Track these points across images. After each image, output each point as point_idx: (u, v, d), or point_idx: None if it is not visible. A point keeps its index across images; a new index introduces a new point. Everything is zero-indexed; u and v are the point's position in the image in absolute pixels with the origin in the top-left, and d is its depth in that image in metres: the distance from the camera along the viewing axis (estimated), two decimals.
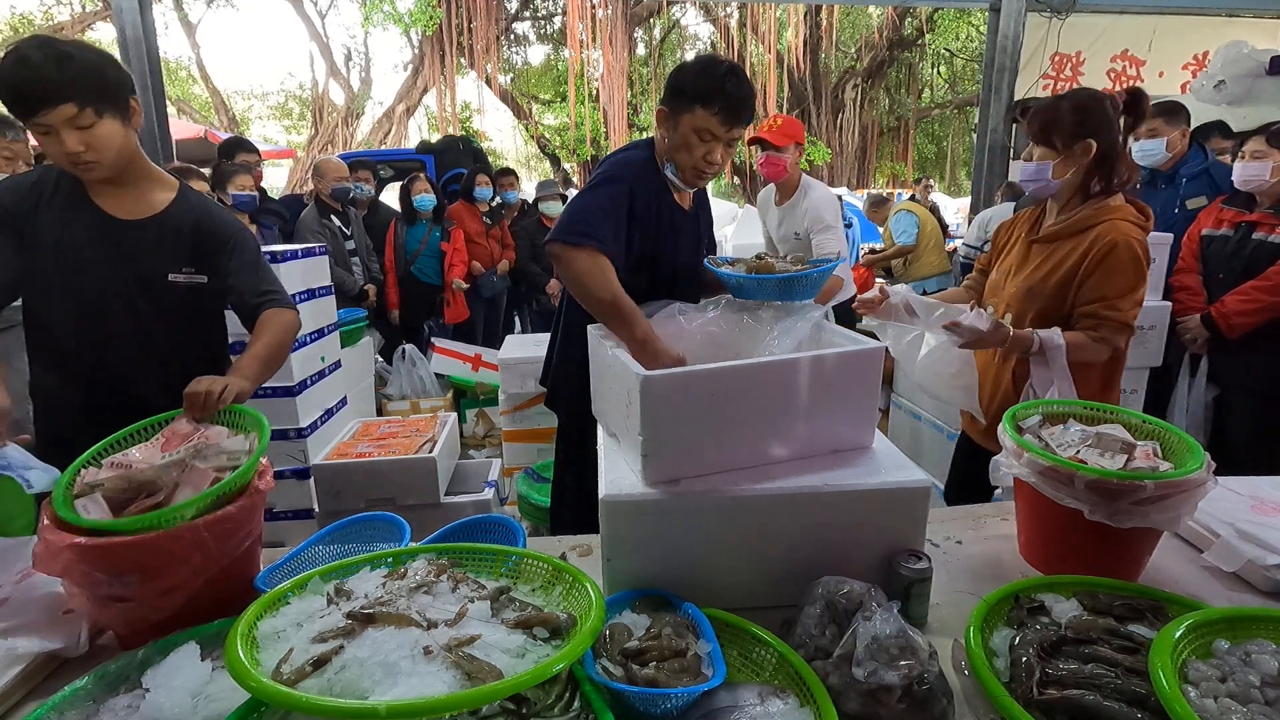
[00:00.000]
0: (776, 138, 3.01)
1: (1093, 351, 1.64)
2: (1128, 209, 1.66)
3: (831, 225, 2.93)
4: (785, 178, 3.07)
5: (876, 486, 1.12)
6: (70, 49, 1.33)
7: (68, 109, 1.31)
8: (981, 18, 12.74)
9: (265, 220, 3.83)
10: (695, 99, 1.57)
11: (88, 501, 1.02)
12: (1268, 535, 1.22)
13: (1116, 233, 1.60)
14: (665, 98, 1.64)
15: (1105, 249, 1.60)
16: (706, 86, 1.57)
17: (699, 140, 1.61)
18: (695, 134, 1.60)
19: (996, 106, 4.74)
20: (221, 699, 0.83)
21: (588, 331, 1.48)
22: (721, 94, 1.56)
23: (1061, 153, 1.65)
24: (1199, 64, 5.54)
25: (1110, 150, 1.64)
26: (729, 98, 1.56)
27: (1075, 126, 1.63)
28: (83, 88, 1.33)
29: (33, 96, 1.30)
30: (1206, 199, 2.87)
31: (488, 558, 1.01)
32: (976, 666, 0.90)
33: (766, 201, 3.31)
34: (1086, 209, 1.67)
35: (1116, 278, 1.60)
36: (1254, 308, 2.48)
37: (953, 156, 19.02)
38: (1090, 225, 1.64)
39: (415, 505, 2.38)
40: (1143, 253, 1.61)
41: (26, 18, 13.68)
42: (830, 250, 2.86)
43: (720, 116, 1.57)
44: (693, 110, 1.58)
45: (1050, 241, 1.72)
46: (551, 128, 16.44)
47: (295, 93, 19.10)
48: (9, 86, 1.31)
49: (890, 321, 1.75)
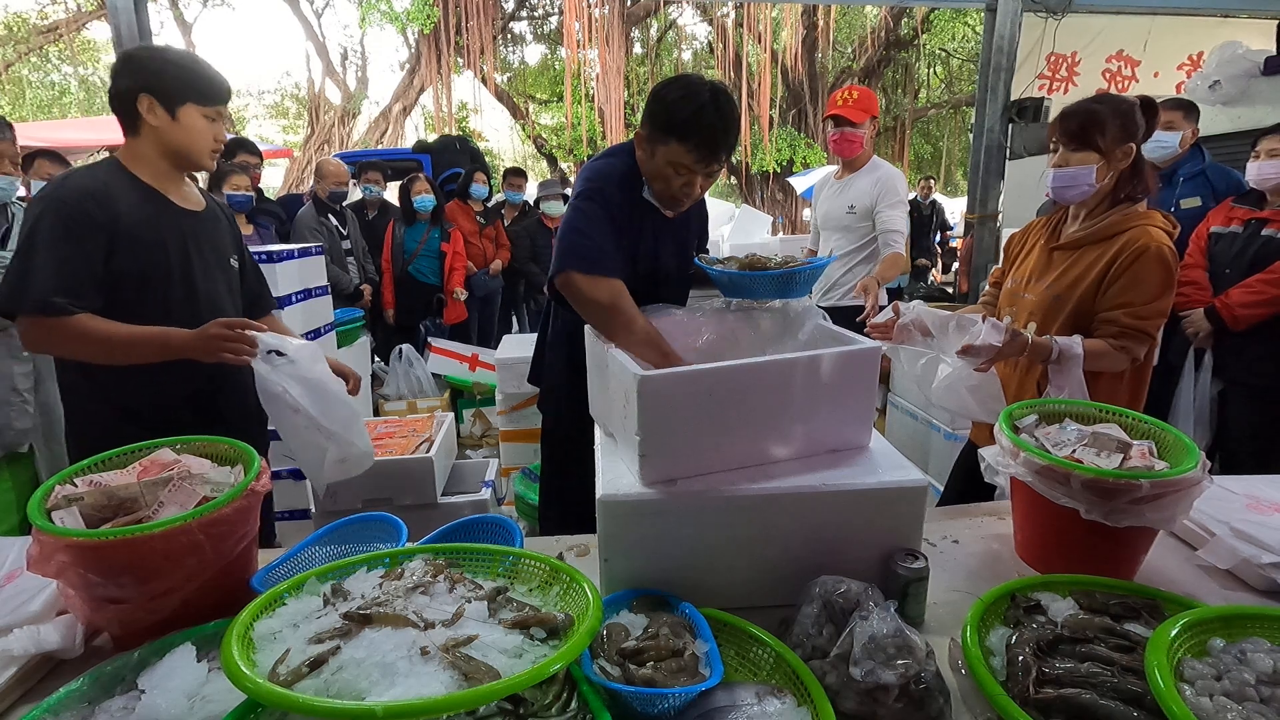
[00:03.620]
0: (853, 113, 2.85)
1: (1112, 360, 1.60)
2: (1156, 215, 1.63)
3: (902, 201, 2.85)
4: (859, 154, 2.94)
5: (874, 486, 1.12)
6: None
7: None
8: (977, 18, 12.77)
9: (262, 220, 3.82)
10: (671, 133, 1.50)
11: (64, 514, 1.00)
12: (1263, 534, 1.23)
13: (1149, 238, 1.57)
14: (644, 121, 1.58)
15: (1135, 254, 1.57)
16: (684, 121, 1.48)
17: (674, 173, 1.55)
18: (671, 167, 1.54)
19: (993, 106, 4.74)
20: (218, 700, 0.82)
21: (585, 333, 1.48)
22: (698, 129, 1.48)
23: (1105, 156, 1.61)
24: (1194, 64, 5.55)
25: (1142, 155, 1.63)
26: (705, 133, 1.49)
27: (1120, 130, 1.60)
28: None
29: (227, 89, 1.59)
30: (1201, 200, 2.88)
31: (485, 558, 1.01)
32: (973, 665, 0.90)
33: (823, 183, 3.17)
34: (1115, 214, 1.64)
35: (1144, 285, 1.57)
36: (1259, 300, 2.48)
37: (949, 156, 19.04)
38: (1120, 231, 1.61)
39: (412, 505, 2.38)
40: (1172, 260, 1.58)
41: (22, 16, 13.61)
42: (896, 226, 2.81)
43: (696, 154, 1.50)
44: (668, 144, 1.51)
45: (1075, 248, 1.69)
46: (548, 127, 16.42)
47: (291, 92, 19.06)
48: (220, 82, 1.57)
49: (904, 345, 1.69)
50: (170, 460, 1.14)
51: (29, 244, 1.41)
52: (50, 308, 1.39)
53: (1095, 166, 1.61)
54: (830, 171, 3.16)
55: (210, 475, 1.12)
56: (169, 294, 1.55)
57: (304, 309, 2.85)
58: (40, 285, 1.39)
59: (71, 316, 1.41)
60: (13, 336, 2.28)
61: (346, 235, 4.33)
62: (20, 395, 2.32)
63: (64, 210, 1.42)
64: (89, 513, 1.02)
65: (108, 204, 1.45)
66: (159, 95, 1.49)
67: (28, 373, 2.34)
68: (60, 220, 1.41)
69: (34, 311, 1.40)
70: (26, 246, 1.41)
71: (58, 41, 13.54)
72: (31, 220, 1.42)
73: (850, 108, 2.87)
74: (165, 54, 1.54)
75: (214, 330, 1.45)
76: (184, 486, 1.06)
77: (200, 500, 1.04)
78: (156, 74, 1.49)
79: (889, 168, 2.95)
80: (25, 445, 2.36)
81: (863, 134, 2.89)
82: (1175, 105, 2.92)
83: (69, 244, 1.41)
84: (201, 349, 1.46)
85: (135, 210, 1.49)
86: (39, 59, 14.46)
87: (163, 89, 1.49)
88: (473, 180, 4.97)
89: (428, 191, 4.61)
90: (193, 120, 1.53)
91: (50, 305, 1.39)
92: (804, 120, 14.87)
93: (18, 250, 1.43)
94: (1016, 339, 1.55)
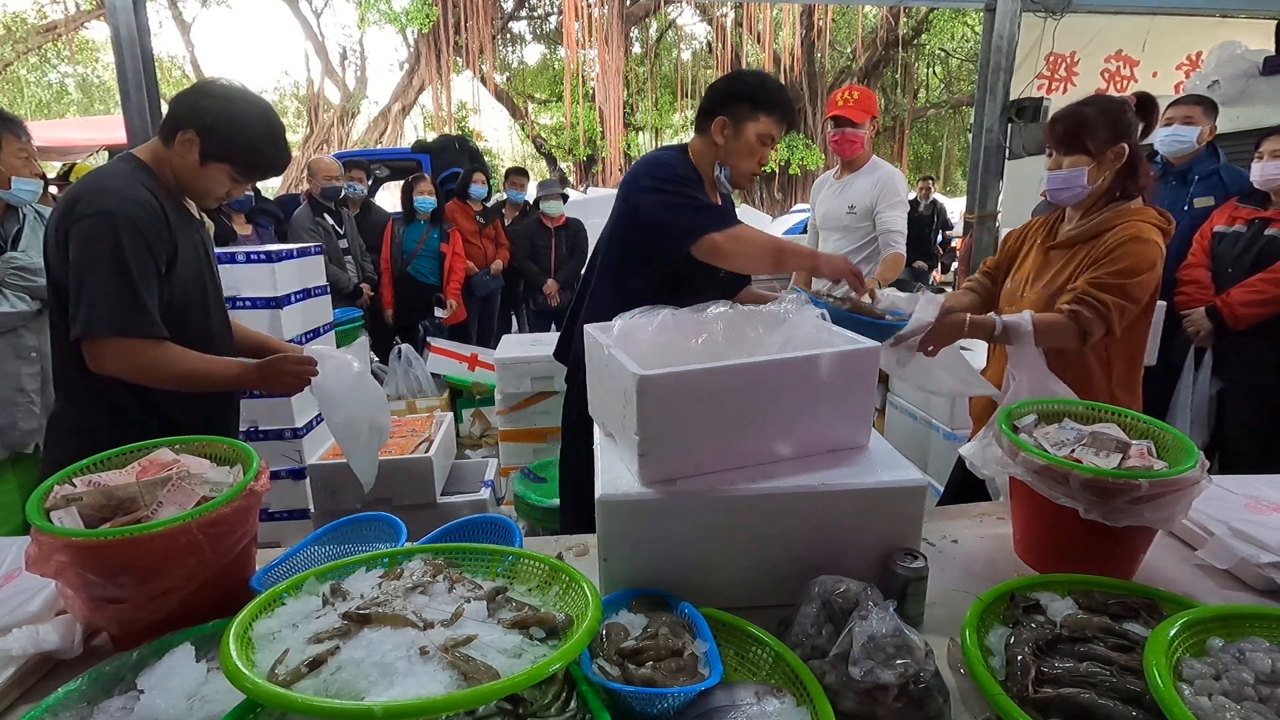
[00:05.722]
0: (854, 113, 2.85)
1: (1063, 332, 1.59)
2: (1149, 211, 1.65)
3: (902, 201, 2.87)
4: (859, 154, 2.94)
5: (873, 486, 1.12)
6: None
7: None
8: (976, 17, 12.77)
9: (260, 220, 3.82)
10: (761, 108, 1.77)
11: (63, 514, 1.00)
12: (1261, 533, 1.23)
13: (1136, 229, 1.59)
14: (723, 107, 1.80)
15: (1121, 239, 1.59)
16: (771, 97, 1.77)
17: (760, 145, 1.80)
18: (759, 139, 1.79)
19: (992, 106, 4.73)
20: (217, 700, 0.82)
21: (584, 330, 1.47)
22: (783, 104, 1.78)
23: (1095, 158, 1.63)
24: (1193, 64, 5.56)
25: (1136, 154, 1.64)
26: (788, 107, 1.80)
27: (1109, 131, 1.62)
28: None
29: (273, 169, 1.57)
30: (1214, 200, 2.86)
31: (484, 558, 1.01)
32: (972, 665, 0.90)
33: (823, 181, 3.17)
34: (1108, 212, 1.66)
35: (1113, 261, 1.59)
36: (1259, 300, 2.49)
37: (948, 156, 19.05)
38: (1111, 227, 1.63)
39: (411, 505, 2.38)
40: (1152, 248, 1.59)
41: (20, 16, 13.59)
42: (896, 227, 2.82)
43: (781, 124, 1.80)
44: (757, 119, 1.77)
45: (1070, 246, 1.71)
46: (547, 127, 16.42)
47: (290, 92, 19.04)
48: (268, 163, 1.54)
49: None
50: (169, 460, 1.14)
51: (112, 264, 1.35)
52: (154, 333, 1.39)
53: (1086, 169, 1.64)
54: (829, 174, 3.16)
55: (209, 475, 1.12)
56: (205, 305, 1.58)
57: (303, 309, 2.84)
58: (140, 310, 1.37)
59: (161, 344, 1.41)
60: (20, 336, 2.27)
61: (343, 234, 4.32)
62: (27, 396, 2.31)
63: (138, 227, 1.38)
64: (88, 513, 1.02)
65: (165, 220, 1.44)
66: (203, 141, 1.45)
67: (35, 373, 2.33)
68: (137, 238, 1.37)
69: (140, 336, 1.38)
70: (111, 267, 1.35)
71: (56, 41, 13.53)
72: (107, 237, 1.36)
73: (851, 108, 2.86)
74: (235, 109, 1.46)
75: (291, 368, 1.54)
76: (183, 486, 1.06)
77: (199, 500, 1.04)
78: (216, 124, 1.44)
79: (889, 168, 2.95)
80: (31, 446, 2.36)
81: (863, 134, 2.89)
82: (1196, 101, 2.91)
83: (148, 264, 1.39)
84: (271, 383, 1.56)
85: (177, 225, 1.48)
86: (37, 59, 14.44)
87: (210, 140, 1.45)
88: (472, 180, 4.96)
89: (430, 193, 4.60)
90: (218, 176, 1.49)
91: (152, 331, 1.39)
92: (803, 120, 14.88)
93: (89, 270, 1.36)
94: (953, 317, 1.59)
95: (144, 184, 1.45)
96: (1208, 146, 2.93)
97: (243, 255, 2.64)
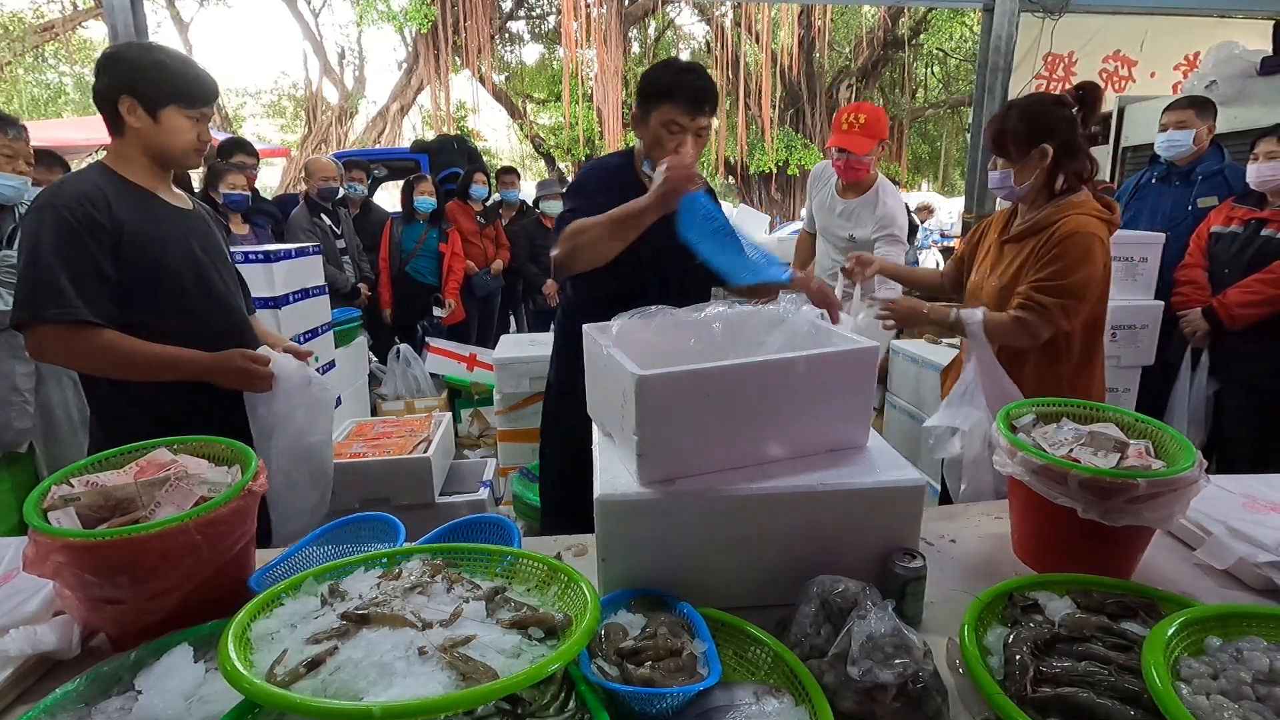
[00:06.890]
0: (859, 143, 2.69)
1: (1011, 333, 1.67)
2: (1091, 203, 1.69)
3: (901, 240, 2.81)
4: (863, 179, 2.85)
5: (871, 485, 1.12)
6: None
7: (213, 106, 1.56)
8: (975, 18, 12.78)
9: (258, 220, 3.82)
10: (659, 95, 1.73)
11: (60, 514, 1.00)
12: (1259, 533, 1.23)
13: (1075, 224, 1.63)
14: (636, 101, 1.81)
15: (1059, 238, 1.64)
16: (668, 81, 1.73)
17: (668, 133, 1.74)
18: (664, 128, 1.74)
19: (990, 106, 4.74)
20: (215, 701, 0.82)
21: (583, 331, 1.48)
22: (682, 86, 1.71)
23: (1017, 161, 1.71)
24: (1190, 64, 5.56)
25: (1067, 149, 1.68)
26: (689, 89, 1.71)
27: (1026, 134, 1.68)
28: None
29: (212, 90, 1.54)
30: (1218, 200, 2.85)
31: (483, 558, 1.01)
32: (971, 664, 0.90)
33: (823, 179, 3.06)
34: (1049, 208, 1.71)
35: (1054, 263, 1.64)
36: (1256, 300, 2.49)
37: (946, 156, 19.06)
38: (1053, 221, 1.68)
39: (410, 505, 2.38)
40: (1099, 243, 1.63)
41: (17, 15, 13.56)
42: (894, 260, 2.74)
43: (683, 107, 1.71)
44: (660, 106, 1.73)
45: (1018, 241, 1.77)
46: (546, 127, 16.39)
47: (289, 91, 19.00)
48: (203, 82, 1.52)
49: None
50: (167, 460, 1.14)
51: (35, 254, 1.38)
52: (68, 316, 1.37)
53: (1012, 171, 1.72)
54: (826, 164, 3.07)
55: (207, 475, 1.12)
56: (183, 292, 1.54)
57: (301, 309, 2.85)
58: (57, 294, 1.36)
59: (95, 329, 1.39)
60: (14, 335, 2.27)
61: (341, 234, 4.32)
62: (21, 395, 2.31)
63: (66, 216, 1.39)
64: (85, 513, 1.02)
65: (106, 206, 1.44)
66: (140, 97, 1.46)
67: (29, 373, 2.33)
68: (64, 227, 1.39)
69: (54, 321, 1.37)
70: (33, 257, 1.38)
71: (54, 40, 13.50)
72: (34, 230, 1.40)
73: (856, 134, 2.71)
74: (148, 53, 1.49)
75: (240, 363, 1.49)
76: (181, 487, 1.06)
77: (197, 500, 1.04)
78: (137, 75, 1.46)
79: (892, 200, 2.84)
80: (24, 445, 2.36)
81: (870, 161, 2.78)
82: (1188, 104, 2.91)
83: (77, 250, 1.39)
84: (221, 376, 1.50)
85: (133, 210, 1.48)
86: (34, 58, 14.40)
87: (143, 91, 1.46)
88: (472, 180, 4.96)
89: (430, 193, 4.60)
90: (175, 122, 1.50)
91: (70, 314, 1.37)
92: (801, 120, 14.88)
93: (26, 261, 1.40)
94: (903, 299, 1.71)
95: (95, 180, 1.46)
96: (1212, 146, 2.93)
97: (240, 255, 2.64)
